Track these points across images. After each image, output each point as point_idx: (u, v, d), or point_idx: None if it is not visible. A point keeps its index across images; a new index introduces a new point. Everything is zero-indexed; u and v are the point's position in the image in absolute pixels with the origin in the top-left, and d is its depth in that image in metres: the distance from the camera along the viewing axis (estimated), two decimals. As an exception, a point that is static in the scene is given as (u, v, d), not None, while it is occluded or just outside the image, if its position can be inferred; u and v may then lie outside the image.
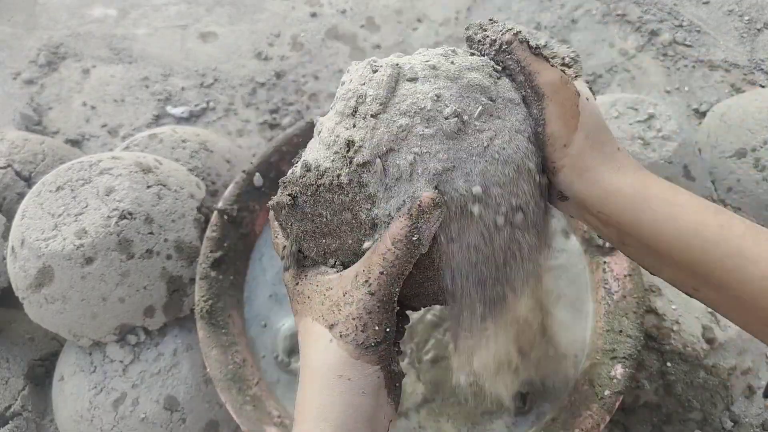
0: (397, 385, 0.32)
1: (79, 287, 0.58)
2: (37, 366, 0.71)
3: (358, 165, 0.29)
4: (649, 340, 0.60)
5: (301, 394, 0.31)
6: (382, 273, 0.29)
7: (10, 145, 0.76)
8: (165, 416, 0.60)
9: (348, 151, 0.30)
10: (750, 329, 0.32)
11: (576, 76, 0.35)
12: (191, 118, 1.00)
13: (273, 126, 0.99)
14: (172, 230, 0.62)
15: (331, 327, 0.30)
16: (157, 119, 1.00)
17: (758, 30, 1.06)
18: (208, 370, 0.54)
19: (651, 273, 0.35)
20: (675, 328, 0.59)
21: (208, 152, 0.76)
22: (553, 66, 0.33)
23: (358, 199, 0.30)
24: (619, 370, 0.52)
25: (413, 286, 0.32)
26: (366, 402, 0.30)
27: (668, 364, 0.59)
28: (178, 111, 1.00)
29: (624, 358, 0.52)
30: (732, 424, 0.62)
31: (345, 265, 0.32)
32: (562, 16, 1.11)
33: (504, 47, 0.33)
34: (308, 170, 0.31)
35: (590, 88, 0.36)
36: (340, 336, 0.30)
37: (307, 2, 1.16)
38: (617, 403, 0.51)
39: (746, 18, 1.08)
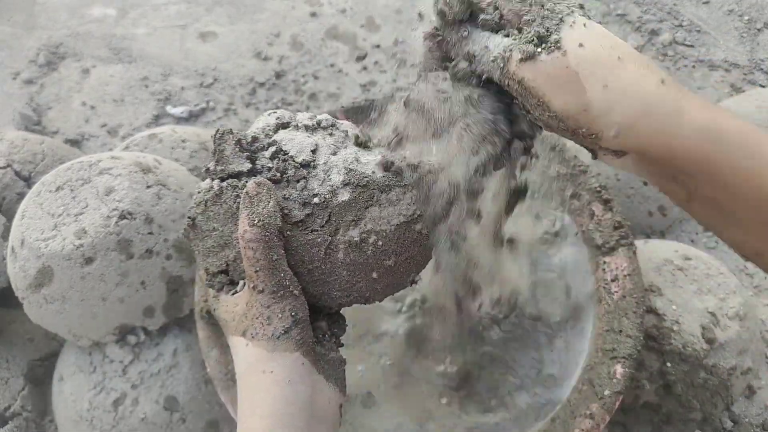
0: (337, 369, 0.33)
1: (78, 287, 0.58)
2: (36, 366, 0.71)
3: (227, 175, 0.33)
4: (649, 340, 0.60)
5: (238, 401, 0.32)
6: (255, 270, 0.31)
7: (10, 145, 0.76)
8: (165, 416, 0.60)
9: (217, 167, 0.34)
10: None
11: (550, 39, 0.28)
12: (191, 118, 1.00)
13: (273, 126, 0.99)
14: (172, 230, 0.62)
15: (243, 333, 0.32)
16: (157, 119, 1.00)
17: (758, 30, 1.06)
18: (208, 370, 0.54)
19: (712, 231, 0.32)
20: (675, 328, 0.59)
21: (208, 152, 0.76)
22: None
23: (234, 207, 0.33)
24: (618, 370, 0.52)
25: (316, 285, 0.33)
26: (296, 390, 0.30)
27: (668, 364, 0.59)
28: (177, 111, 1.00)
29: (624, 358, 0.52)
30: (732, 424, 0.62)
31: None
32: (562, 16, 1.11)
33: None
34: (199, 192, 0.35)
35: (586, 12, 0.30)
36: (252, 337, 0.31)
37: (306, 2, 1.16)
38: (617, 403, 0.51)
39: (746, 18, 1.08)
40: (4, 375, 0.68)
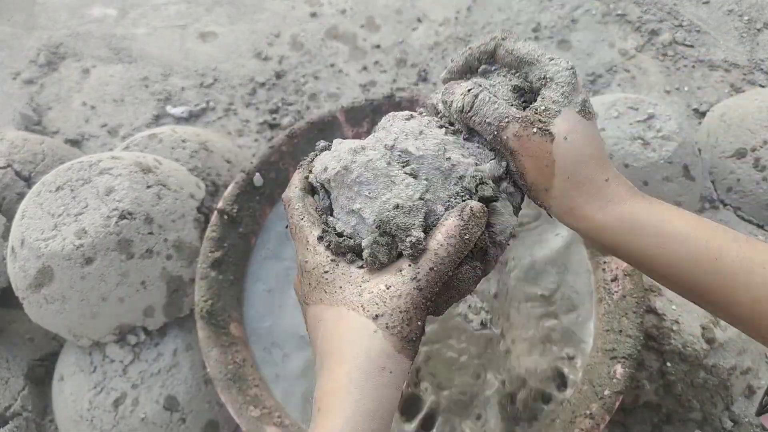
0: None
1: (78, 287, 0.58)
2: (37, 366, 0.71)
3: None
4: (649, 339, 0.60)
5: (329, 383, 0.30)
6: (431, 269, 0.31)
7: (10, 145, 0.76)
8: (165, 416, 0.60)
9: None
10: (760, 340, 0.33)
11: (548, 119, 0.34)
12: (191, 118, 1.00)
13: (273, 126, 0.99)
14: (172, 230, 0.62)
15: (375, 318, 0.30)
16: (157, 119, 1.00)
17: (758, 30, 1.06)
18: (208, 369, 0.54)
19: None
20: (675, 328, 0.59)
21: (207, 152, 0.76)
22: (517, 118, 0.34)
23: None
24: (618, 370, 0.52)
25: (441, 299, 0.34)
26: (396, 397, 0.30)
27: (668, 364, 0.59)
28: (177, 111, 1.00)
29: (624, 357, 0.52)
30: (732, 423, 0.62)
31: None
32: (562, 16, 1.11)
33: (467, 111, 0.35)
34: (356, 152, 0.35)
35: (584, 107, 0.35)
36: (386, 327, 0.30)
37: (306, 2, 1.16)
38: (617, 403, 0.51)
39: (746, 18, 1.08)
40: (4, 375, 0.68)
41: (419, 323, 0.31)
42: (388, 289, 0.31)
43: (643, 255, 0.34)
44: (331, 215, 0.34)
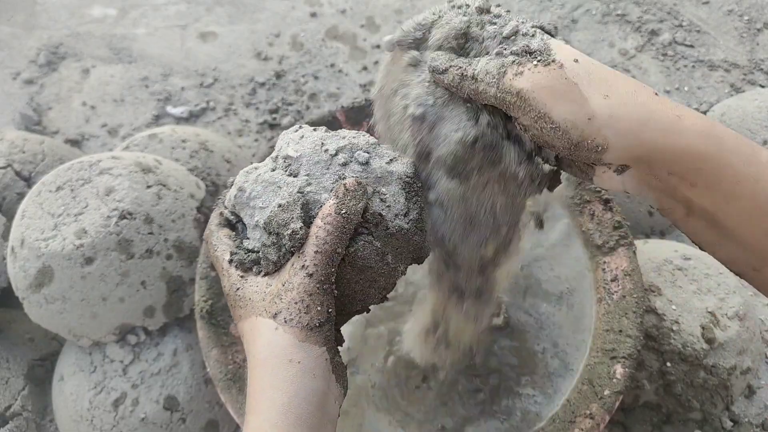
0: (342, 370, 0.33)
1: (79, 287, 0.58)
2: (37, 366, 0.71)
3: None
4: (649, 339, 0.60)
5: (251, 387, 0.31)
6: (317, 252, 0.31)
7: (10, 145, 0.76)
8: (165, 416, 0.60)
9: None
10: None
11: (544, 55, 0.29)
12: (191, 118, 1.00)
13: (273, 126, 0.99)
14: (172, 230, 0.62)
15: (274, 316, 0.31)
16: (157, 119, 1.00)
17: (758, 30, 1.06)
18: (208, 369, 0.54)
19: (707, 250, 0.31)
20: (675, 328, 0.59)
21: (207, 152, 0.76)
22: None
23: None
24: (618, 370, 0.52)
25: (357, 286, 0.34)
26: (317, 385, 0.30)
27: (668, 364, 0.59)
28: (177, 111, 1.00)
29: (624, 357, 0.52)
30: (732, 423, 0.62)
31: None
32: (562, 16, 1.11)
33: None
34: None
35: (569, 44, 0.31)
36: (285, 321, 0.31)
37: (306, 2, 1.16)
38: (617, 403, 0.51)
39: (746, 18, 1.08)
40: (4, 375, 0.68)
41: (319, 308, 0.31)
42: (283, 285, 0.32)
43: (731, 190, 0.27)
44: (247, 238, 0.36)
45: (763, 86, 0.98)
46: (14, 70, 1.08)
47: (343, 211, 0.31)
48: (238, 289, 0.34)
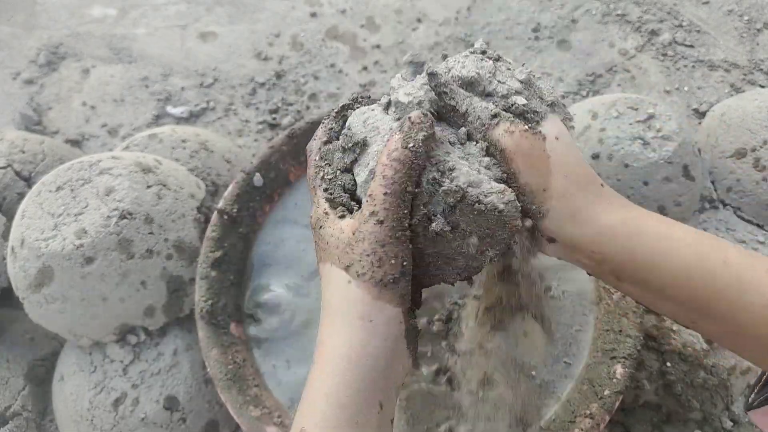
0: (414, 337, 0.32)
1: (79, 287, 0.58)
2: (37, 366, 0.71)
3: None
4: (649, 339, 0.60)
5: (321, 334, 0.30)
6: (386, 194, 0.29)
7: (10, 145, 0.76)
8: (165, 416, 0.60)
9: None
10: (749, 356, 0.32)
11: (534, 123, 0.33)
12: (191, 118, 1.00)
13: (273, 126, 0.99)
14: (173, 230, 0.62)
15: (347, 268, 0.29)
16: (157, 119, 1.00)
17: (758, 30, 1.07)
18: (208, 369, 0.55)
19: (648, 308, 0.35)
20: (674, 327, 0.59)
21: (208, 152, 0.76)
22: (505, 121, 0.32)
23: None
24: (618, 370, 0.52)
25: (429, 258, 0.32)
26: (386, 348, 0.29)
27: (668, 363, 0.59)
28: (177, 111, 1.00)
29: (623, 357, 0.52)
30: (732, 423, 0.62)
31: None
32: (562, 16, 1.11)
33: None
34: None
35: (567, 121, 0.35)
36: (357, 276, 0.29)
37: (306, 2, 1.16)
38: (617, 403, 0.51)
39: (746, 18, 1.08)
40: (4, 375, 0.68)
41: (393, 261, 0.29)
42: (354, 234, 0.30)
43: (650, 261, 0.31)
44: (351, 172, 0.33)
45: (763, 86, 0.98)
46: (14, 70, 1.08)
47: (410, 145, 0.29)
48: (321, 227, 0.32)
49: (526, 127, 0.32)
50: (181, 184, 0.66)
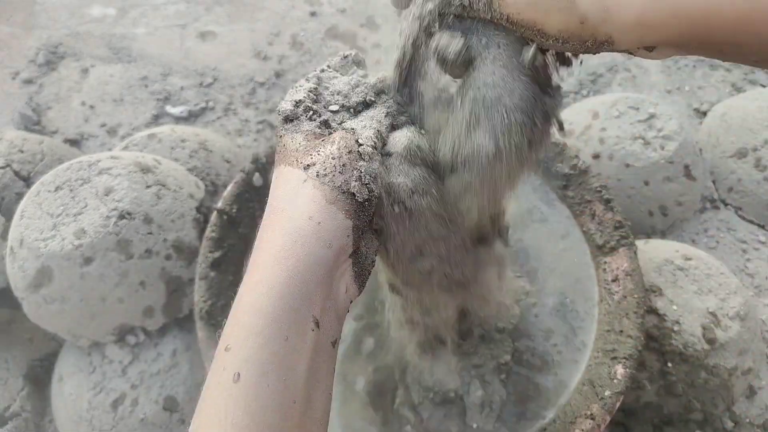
0: (366, 268, 0.30)
1: (78, 287, 0.57)
2: (36, 366, 0.71)
3: None
4: (650, 340, 0.59)
5: (260, 240, 0.28)
6: None
7: (9, 145, 0.75)
8: (164, 417, 0.60)
9: None
10: None
11: None
12: (190, 118, 1.00)
13: (272, 126, 0.98)
14: (172, 230, 0.62)
15: (306, 168, 0.28)
16: (156, 119, 1.00)
17: (759, 29, 1.06)
18: (207, 370, 0.54)
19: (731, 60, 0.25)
20: (675, 328, 0.59)
21: (207, 152, 0.76)
22: None
23: None
24: (619, 371, 0.52)
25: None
26: (328, 257, 0.26)
27: (669, 364, 0.59)
28: (177, 110, 1.00)
29: (624, 358, 0.51)
30: (733, 424, 0.62)
31: None
32: (562, 16, 1.10)
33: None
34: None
35: None
36: (317, 176, 0.27)
37: (306, 1, 1.16)
38: (618, 404, 0.51)
39: (747, 17, 1.08)
40: (3, 375, 0.68)
41: (354, 172, 0.27)
42: (322, 140, 0.29)
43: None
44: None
45: (764, 86, 0.98)
46: (13, 70, 1.08)
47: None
48: (281, 136, 0.30)
49: None
50: (181, 184, 0.66)
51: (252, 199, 0.64)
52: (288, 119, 0.31)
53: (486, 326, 0.56)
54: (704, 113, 0.95)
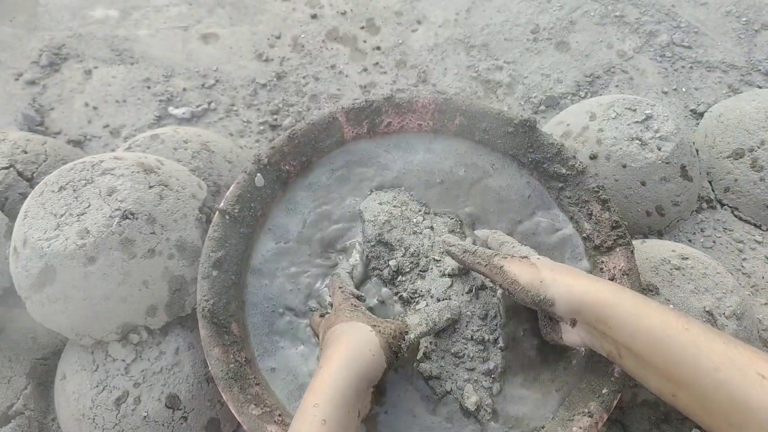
0: (392, 354, 0.49)
1: (81, 287, 0.58)
2: (39, 365, 0.71)
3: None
4: (647, 338, 0.60)
5: (330, 349, 0.48)
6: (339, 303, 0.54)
7: (13, 146, 0.76)
8: (167, 414, 0.61)
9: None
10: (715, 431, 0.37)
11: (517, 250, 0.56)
12: (193, 119, 1.01)
13: (274, 127, 0.99)
14: (174, 230, 0.62)
15: (373, 326, 0.49)
16: (159, 120, 1.01)
17: (756, 31, 1.07)
18: (209, 368, 0.55)
19: (644, 386, 0.43)
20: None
21: (209, 153, 0.77)
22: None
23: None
24: (617, 369, 0.52)
25: None
26: (369, 370, 0.46)
27: (666, 362, 0.59)
28: (179, 112, 1.01)
29: (621, 356, 0.52)
30: (729, 422, 0.62)
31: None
32: (560, 18, 1.11)
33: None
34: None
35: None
36: (380, 332, 0.49)
37: (307, 4, 1.17)
38: (615, 401, 0.51)
39: (744, 19, 1.09)
40: (6, 374, 0.69)
41: (401, 343, 0.49)
42: (333, 317, 0.53)
43: (632, 331, 0.42)
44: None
45: (760, 87, 0.99)
46: (17, 71, 1.08)
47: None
48: (340, 305, 0.55)
49: (511, 253, 0.54)
50: (183, 184, 0.67)
51: (253, 199, 0.65)
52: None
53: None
54: (701, 114, 0.95)
